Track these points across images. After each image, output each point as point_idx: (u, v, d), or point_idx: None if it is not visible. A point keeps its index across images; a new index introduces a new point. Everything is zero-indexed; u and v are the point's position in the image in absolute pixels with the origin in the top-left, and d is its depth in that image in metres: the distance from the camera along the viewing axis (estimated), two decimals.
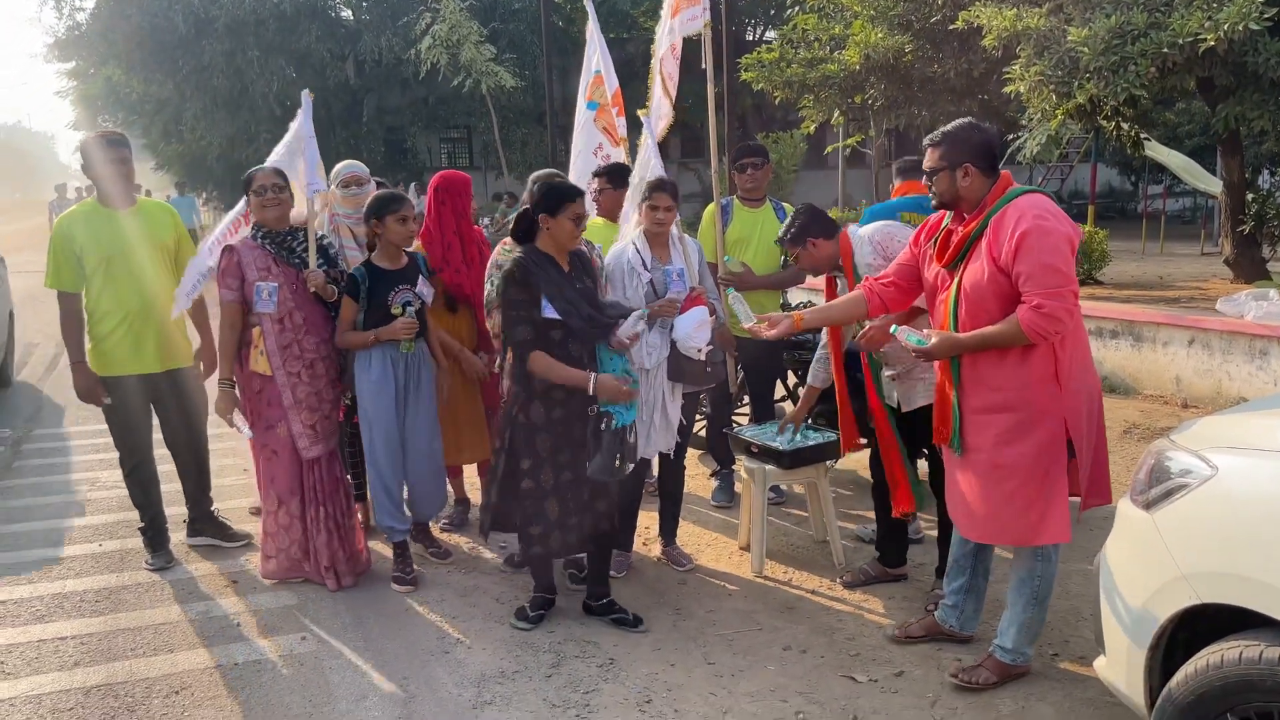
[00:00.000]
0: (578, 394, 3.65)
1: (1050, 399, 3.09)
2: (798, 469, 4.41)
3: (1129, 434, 6.54)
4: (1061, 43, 7.86)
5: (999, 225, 3.08)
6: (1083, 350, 3.21)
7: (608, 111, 5.30)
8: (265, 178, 4.19)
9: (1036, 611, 3.33)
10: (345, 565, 4.33)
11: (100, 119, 26.61)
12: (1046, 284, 2.96)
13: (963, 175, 3.16)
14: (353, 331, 4.15)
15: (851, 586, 4.23)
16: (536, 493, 3.71)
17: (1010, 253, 3.01)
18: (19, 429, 7.39)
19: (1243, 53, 7.47)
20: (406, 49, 20.46)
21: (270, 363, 4.13)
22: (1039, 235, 2.98)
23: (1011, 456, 3.14)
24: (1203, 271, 11.85)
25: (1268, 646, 2.17)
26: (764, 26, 24.84)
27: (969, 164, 3.15)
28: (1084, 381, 3.16)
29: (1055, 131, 10.80)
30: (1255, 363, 6.85)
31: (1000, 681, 3.34)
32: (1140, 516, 2.55)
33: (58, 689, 3.53)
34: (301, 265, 4.21)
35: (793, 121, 17.65)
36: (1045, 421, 3.10)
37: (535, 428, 3.68)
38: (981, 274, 3.10)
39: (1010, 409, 3.13)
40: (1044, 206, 3.08)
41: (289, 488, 4.25)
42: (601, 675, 3.52)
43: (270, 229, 4.19)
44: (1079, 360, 3.15)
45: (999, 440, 3.16)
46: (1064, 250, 3.01)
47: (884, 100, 11.91)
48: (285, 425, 4.18)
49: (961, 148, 3.17)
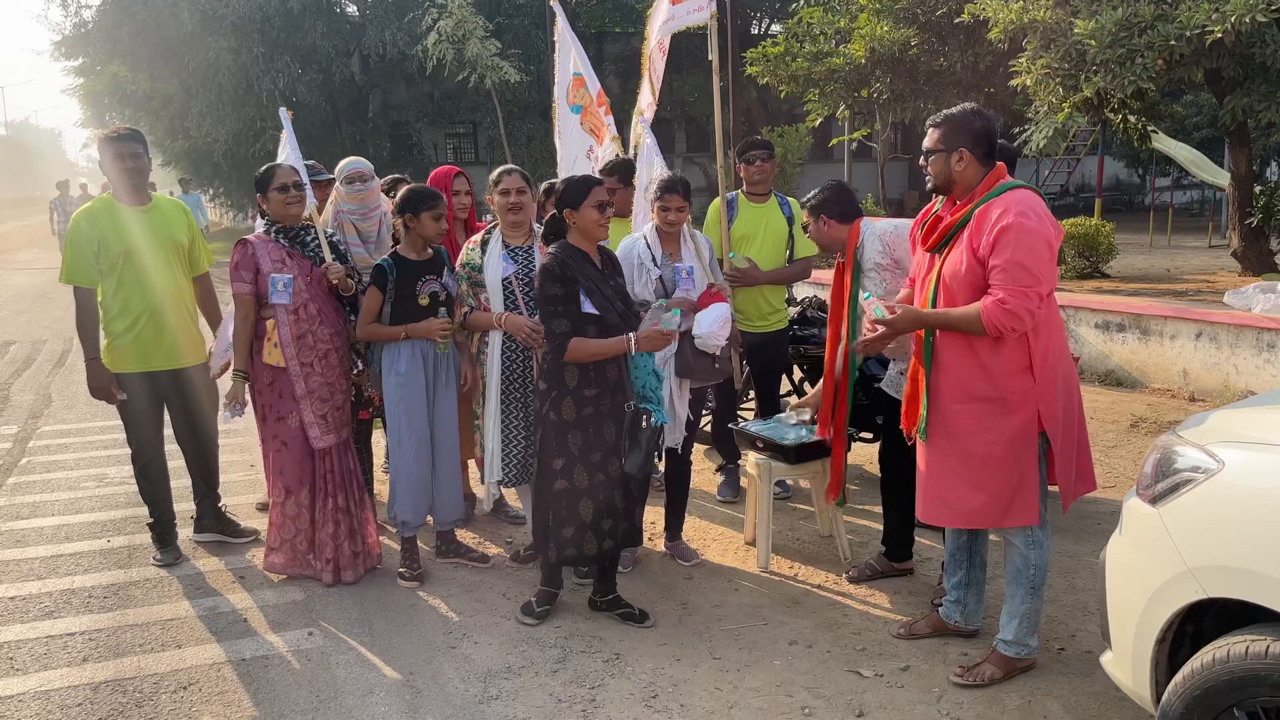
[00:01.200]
0: (607, 393, 3.69)
1: (1024, 389, 3.12)
2: (803, 464, 4.41)
3: (1136, 427, 6.52)
4: (1068, 35, 7.84)
5: (983, 217, 3.10)
6: (1058, 341, 3.22)
7: (592, 113, 5.30)
8: (286, 175, 4.25)
9: (1035, 601, 3.32)
10: (349, 559, 4.32)
11: (107, 116, 26.69)
12: (1015, 280, 2.99)
13: (958, 159, 3.18)
14: (379, 324, 4.15)
15: (857, 581, 4.23)
16: (571, 493, 3.71)
17: (988, 245, 3.05)
18: (26, 425, 7.42)
19: (1250, 45, 7.45)
20: (412, 44, 20.48)
21: (284, 353, 4.17)
22: (1018, 232, 3.00)
23: (983, 444, 3.18)
24: (1210, 264, 11.81)
25: (1274, 641, 2.17)
26: (769, 20, 24.78)
27: (965, 149, 3.17)
28: (1058, 372, 3.18)
29: (1062, 124, 10.79)
30: (1263, 356, 6.82)
31: (1006, 676, 3.34)
32: (1147, 511, 2.55)
33: (66, 685, 3.54)
34: (315, 258, 4.26)
35: (798, 115, 17.63)
36: (1018, 411, 3.13)
37: (567, 425, 3.69)
38: (960, 263, 3.15)
39: (983, 398, 3.16)
40: (1030, 204, 3.07)
41: (298, 478, 4.27)
42: (607, 670, 3.53)
43: (283, 224, 4.26)
44: (1053, 350, 3.17)
45: (971, 428, 3.19)
46: (1040, 251, 3.02)
47: (889, 94, 11.89)
48: (297, 416, 4.21)
49: (961, 132, 3.18)
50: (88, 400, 8.25)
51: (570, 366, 3.67)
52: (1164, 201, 18.96)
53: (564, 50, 5.45)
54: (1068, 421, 3.20)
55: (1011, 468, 3.16)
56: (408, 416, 4.19)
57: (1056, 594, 4.06)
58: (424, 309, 4.16)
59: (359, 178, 4.76)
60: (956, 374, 3.21)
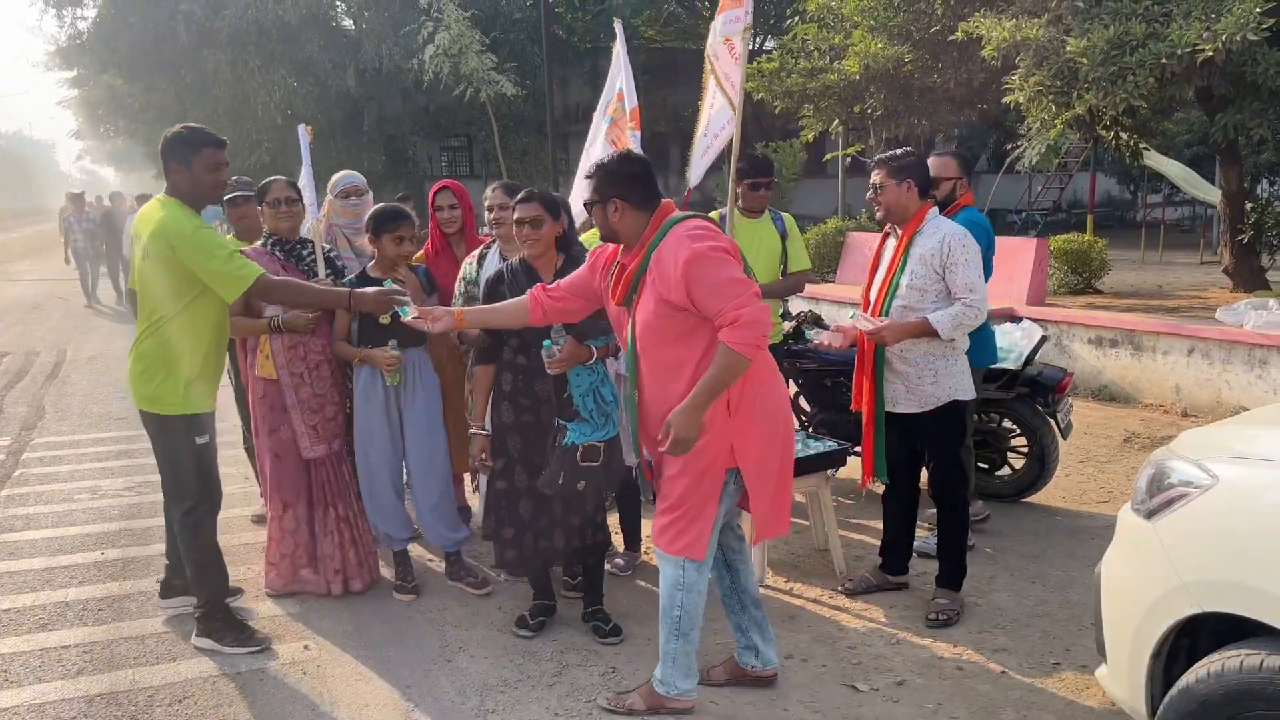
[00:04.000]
0: (541, 404, 3.72)
1: (718, 426, 3.02)
2: (799, 478, 4.41)
3: (1129, 442, 6.55)
4: (1060, 53, 7.90)
5: (660, 260, 3.01)
6: (762, 376, 3.11)
7: (619, 126, 5.36)
8: (280, 190, 4.27)
9: (681, 643, 3.20)
10: (355, 569, 4.32)
11: (102, 127, 26.68)
12: (729, 295, 2.88)
13: (614, 210, 3.11)
14: (343, 344, 4.20)
15: (853, 595, 4.23)
16: (510, 493, 3.77)
17: (680, 287, 2.94)
18: (19, 437, 7.40)
19: (1241, 63, 7.51)
20: (408, 58, 20.51)
21: (275, 363, 4.17)
22: (698, 260, 2.91)
23: (670, 477, 3.12)
24: (1202, 280, 11.88)
25: (1269, 655, 2.18)
26: (764, 36, 24.91)
27: (617, 199, 3.09)
28: (760, 407, 3.08)
29: (1054, 141, 10.85)
30: (1255, 372, 6.86)
31: (650, 710, 3.25)
32: (1141, 525, 2.56)
33: (61, 697, 3.53)
34: (310, 272, 4.28)
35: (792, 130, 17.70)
36: (707, 448, 3.03)
37: (506, 427, 3.77)
38: (651, 311, 3.05)
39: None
40: (694, 228, 3.01)
41: (295, 491, 4.25)
42: (604, 684, 3.53)
43: (281, 237, 4.29)
44: (754, 385, 3.06)
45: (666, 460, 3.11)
46: (726, 261, 2.95)
47: (884, 110, 11.93)
48: (289, 427, 4.21)
49: (610, 181, 3.11)
50: (81, 412, 8.28)
51: (504, 374, 3.78)
52: (1156, 218, 19.08)
53: (616, 67, 5.54)
54: (766, 459, 3.12)
55: (689, 502, 3.08)
56: (364, 436, 4.21)
57: (1051, 609, 4.07)
58: (384, 329, 4.08)
59: (354, 191, 4.75)
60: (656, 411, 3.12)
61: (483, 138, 23.38)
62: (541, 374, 3.66)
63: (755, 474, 3.11)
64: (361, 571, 4.35)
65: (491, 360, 3.82)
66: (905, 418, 3.93)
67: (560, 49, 20.86)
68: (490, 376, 3.83)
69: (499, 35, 21.93)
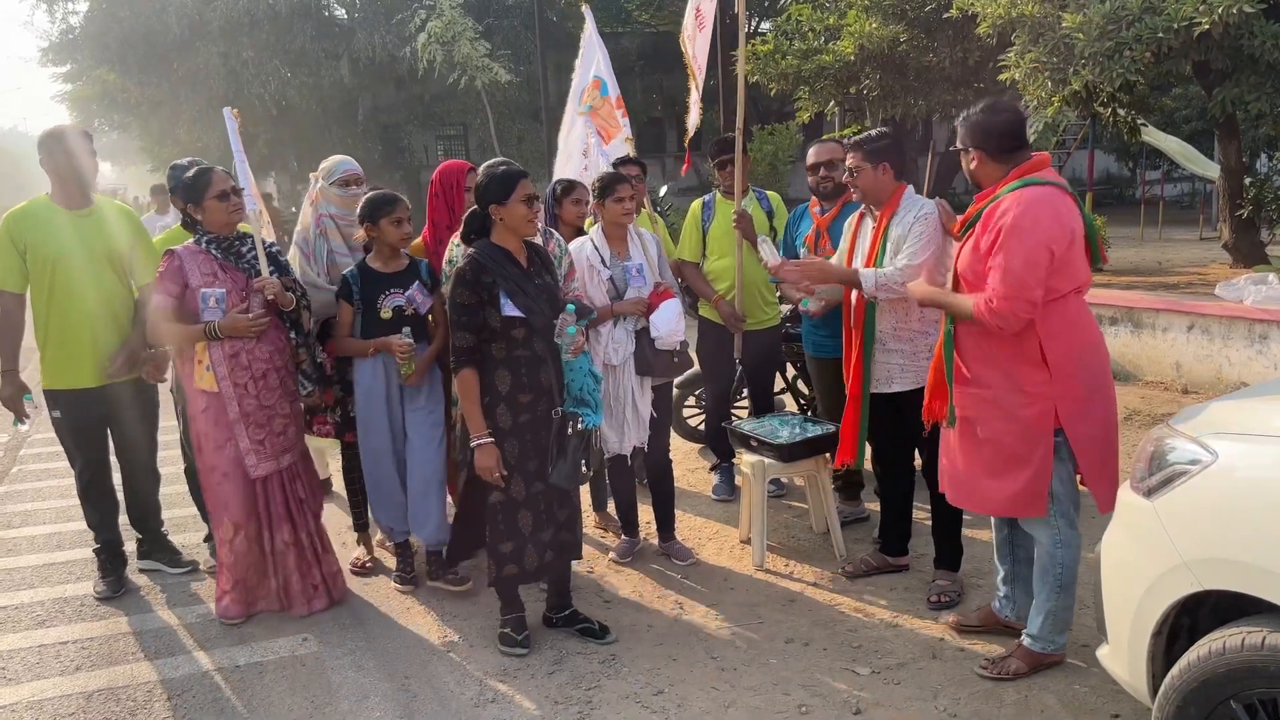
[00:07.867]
0: (543, 397, 3.53)
1: (1037, 383, 3.13)
2: (797, 461, 4.40)
3: (1129, 420, 6.53)
4: (1056, 29, 7.84)
5: (991, 214, 3.14)
6: (1085, 343, 3.19)
7: (603, 114, 5.33)
8: (223, 181, 3.89)
9: (1061, 599, 3.30)
10: (298, 593, 4.02)
11: (96, 122, 26.56)
12: (1005, 285, 3.03)
13: (971, 160, 3.27)
14: (351, 339, 4.07)
15: (853, 577, 4.22)
16: (508, 505, 3.51)
17: (990, 244, 3.10)
18: (16, 433, 7.38)
19: (1238, 36, 7.44)
20: (401, 47, 20.42)
21: (215, 374, 3.82)
22: (1014, 236, 3.03)
23: (994, 429, 3.21)
24: (1201, 256, 11.83)
25: (1270, 632, 2.16)
26: (759, 18, 24.77)
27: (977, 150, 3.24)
28: (1084, 374, 3.16)
29: (1052, 118, 10.77)
30: (1255, 347, 6.83)
31: (1031, 670, 3.33)
32: (1141, 504, 2.54)
33: (60, 694, 3.52)
34: (251, 271, 3.93)
35: (788, 113, 17.62)
36: (1034, 404, 3.14)
37: (502, 433, 3.47)
38: (969, 255, 3.21)
39: (994, 385, 3.20)
40: (1037, 202, 3.06)
41: (244, 511, 3.94)
42: (603, 671, 3.52)
43: (216, 234, 3.91)
44: (1076, 353, 3.15)
45: (984, 415, 3.23)
46: (1035, 257, 3.02)
47: (879, 90, 11.88)
48: (233, 444, 3.88)
49: (976, 132, 3.25)
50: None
51: (501, 371, 3.47)
52: (1154, 194, 18.98)
53: (589, 53, 5.50)
54: (1090, 424, 3.17)
55: (1022, 458, 3.17)
56: (365, 431, 4.15)
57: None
58: (387, 323, 4.00)
59: (355, 180, 4.38)
60: (972, 358, 3.26)
61: (478, 126, 23.29)
62: (546, 362, 3.52)
63: (1082, 437, 3.16)
64: (306, 599, 4.04)
65: (476, 361, 3.47)
66: (898, 397, 3.90)
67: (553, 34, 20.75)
68: (477, 379, 3.47)
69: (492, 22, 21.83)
